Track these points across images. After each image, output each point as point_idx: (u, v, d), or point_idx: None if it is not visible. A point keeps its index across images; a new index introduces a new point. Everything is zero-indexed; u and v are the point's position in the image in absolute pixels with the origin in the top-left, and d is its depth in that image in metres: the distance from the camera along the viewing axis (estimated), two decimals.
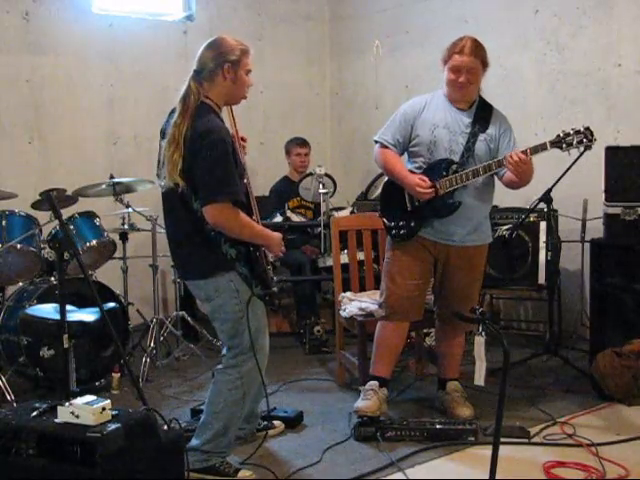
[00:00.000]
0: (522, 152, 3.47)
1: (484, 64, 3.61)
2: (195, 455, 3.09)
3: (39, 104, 5.54)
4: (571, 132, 3.48)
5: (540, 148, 3.48)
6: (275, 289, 3.13)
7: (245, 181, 3.13)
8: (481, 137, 3.63)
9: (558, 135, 3.50)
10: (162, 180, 3.04)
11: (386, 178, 3.90)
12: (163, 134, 3.09)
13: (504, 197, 4.66)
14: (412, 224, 3.68)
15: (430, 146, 3.64)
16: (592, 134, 3.48)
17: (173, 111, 3.06)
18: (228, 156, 2.94)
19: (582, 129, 3.48)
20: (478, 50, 3.58)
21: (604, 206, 4.28)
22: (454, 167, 3.59)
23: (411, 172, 3.67)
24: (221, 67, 3.00)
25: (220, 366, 3.21)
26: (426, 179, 3.59)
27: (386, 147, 3.72)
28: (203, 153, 2.90)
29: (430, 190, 3.57)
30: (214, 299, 3.09)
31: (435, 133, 3.63)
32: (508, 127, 3.71)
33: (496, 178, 3.72)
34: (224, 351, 3.23)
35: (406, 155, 3.78)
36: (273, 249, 3.15)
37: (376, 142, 3.78)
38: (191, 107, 2.97)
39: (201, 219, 2.97)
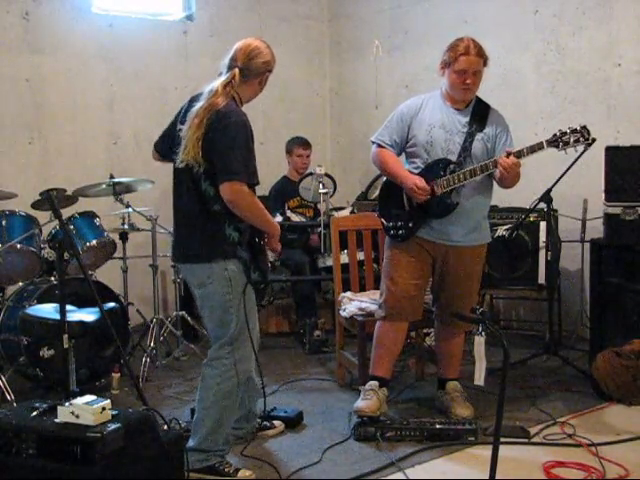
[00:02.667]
0: (515, 153, 3.48)
1: (485, 63, 3.62)
2: (195, 455, 3.09)
3: (39, 104, 5.53)
4: (568, 131, 3.48)
5: (537, 147, 3.49)
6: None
7: None
8: (478, 136, 3.62)
9: (555, 134, 3.50)
10: (178, 157, 3.06)
11: (384, 178, 3.90)
12: (182, 119, 3.12)
13: (504, 197, 4.66)
14: (410, 224, 3.68)
15: (427, 146, 3.63)
16: (589, 133, 3.48)
17: (194, 98, 3.12)
18: (249, 140, 3.04)
19: (579, 128, 3.48)
20: (481, 50, 3.59)
21: (604, 206, 4.27)
22: (451, 167, 3.59)
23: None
24: (263, 74, 3.19)
25: (206, 360, 3.21)
26: (422, 181, 3.59)
27: (383, 147, 3.72)
28: (225, 132, 2.97)
29: (425, 193, 3.57)
30: (206, 285, 3.10)
31: (432, 133, 3.63)
32: (505, 127, 3.70)
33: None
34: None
35: (404, 156, 3.78)
36: (274, 241, 3.18)
37: (373, 142, 3.78)
38: (226, 95, 3.04)
39: (208, 200, 3.02)
